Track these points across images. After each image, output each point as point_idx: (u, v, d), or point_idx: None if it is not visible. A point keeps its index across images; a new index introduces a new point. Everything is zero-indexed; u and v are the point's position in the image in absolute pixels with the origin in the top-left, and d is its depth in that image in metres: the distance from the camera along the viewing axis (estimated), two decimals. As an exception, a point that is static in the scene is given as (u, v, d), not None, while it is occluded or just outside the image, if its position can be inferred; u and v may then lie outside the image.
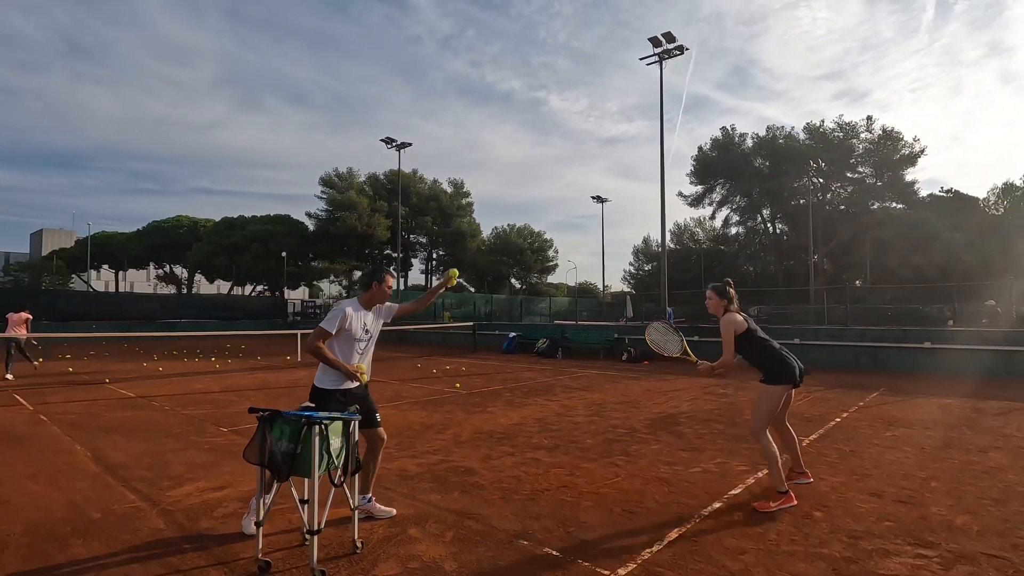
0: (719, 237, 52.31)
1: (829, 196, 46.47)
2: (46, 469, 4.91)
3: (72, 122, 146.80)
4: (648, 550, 3.25)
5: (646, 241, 56.42)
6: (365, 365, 3.80)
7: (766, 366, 4.08)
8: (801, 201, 44.54)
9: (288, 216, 48.18)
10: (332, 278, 53.16)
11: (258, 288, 52.45)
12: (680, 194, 50.16)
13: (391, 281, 3.83)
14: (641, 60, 16.59)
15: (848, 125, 43.34)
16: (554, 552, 3.23)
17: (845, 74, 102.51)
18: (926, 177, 49.78)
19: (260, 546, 3.03)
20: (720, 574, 2.96)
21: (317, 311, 41.98)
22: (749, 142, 47.01)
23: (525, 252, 53.75)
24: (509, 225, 55.70)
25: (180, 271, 55.59)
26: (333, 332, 3.55)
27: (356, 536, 3.23)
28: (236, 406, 8.23)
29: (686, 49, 16.23)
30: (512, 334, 19.23)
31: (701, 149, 48.59)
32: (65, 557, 3.16)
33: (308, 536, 2.94)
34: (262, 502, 3.04)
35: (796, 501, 3.94)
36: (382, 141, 26.69)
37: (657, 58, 16.36)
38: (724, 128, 48.07)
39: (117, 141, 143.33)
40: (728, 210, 50.02)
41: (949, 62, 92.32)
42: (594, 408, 8.12)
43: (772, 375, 4.04)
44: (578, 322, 23.11)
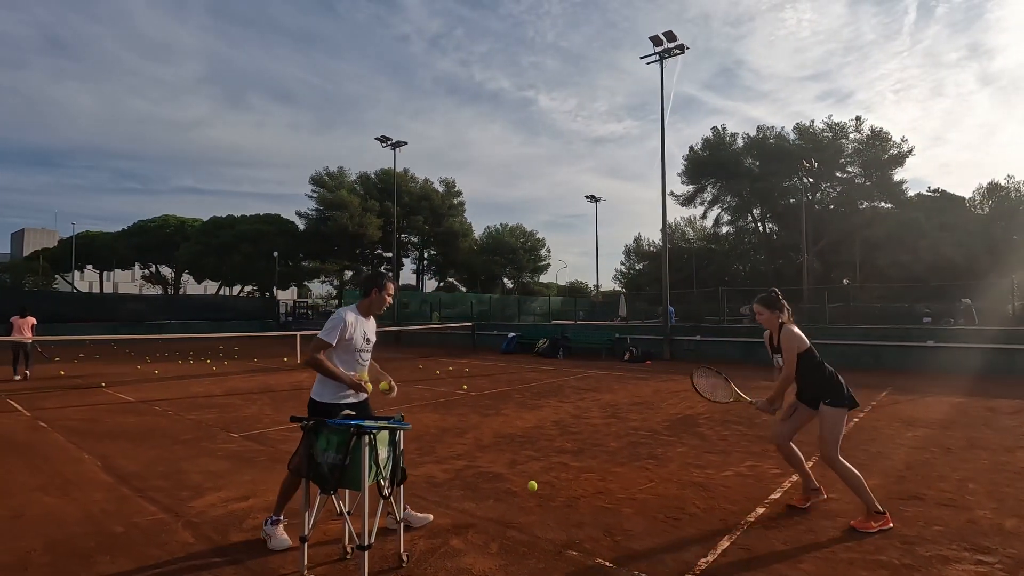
0: (710, 236, 52.64)
1: (819, 196, 46.94)
2: (55, 480, 4.70)
3: (53, 120, 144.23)
4: (704, 560, 3.15)
5: (638, 240, 56.60)
6: (367, 375, 3.55)
7: (830, 386, 3.80)
8: (791, 201, 44.98)
9: (278, 216, 47.61)
10: (323, 278, 52.62)
11: (247, 288, 51.80)
12: (672, 193, 50.30)
13: (392, 288, 3.58)
14: (641, 59, 16.56)
15: (837, 125, 43.86)
16: (606, 563, 3.11)
17: (830, 75, 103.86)
18: (909, 177, 50.61)
19: (305, 562, 2.88)
20: (784, 585, 2.87)
21: (307, 312, 41.53)
22: (740, 142, 47.37)
23: (518, 251, 53.63)
24: (502, 224, 55.55)
25: (167, 271, 54.72)
26: (334, 343, 3.31)
27: (401, 549, 3.09)
28: (243, 410, 8.02)
29: (687, 48, 16.21)
30: (512, 334, 19.10)
31: (692, 149, 48.87)
32: (92, 575, 2.98)
33: (353, 551, 2.80)
34: (307, 515, 2.89)
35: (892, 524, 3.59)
36: (376, 140, 26.40)
37: (658, 57, 16.33)
38: (715, 128, 48.41)
39: (99, 139, 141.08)
40: (719, 209, 50.37)
41: (931, 64, 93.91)
42: (609, 409, 8.03)
43: (838, 396, 3.76)
44: (576, 322, 23.03)
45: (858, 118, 43.43)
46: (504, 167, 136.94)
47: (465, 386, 10.50)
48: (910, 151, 42.18)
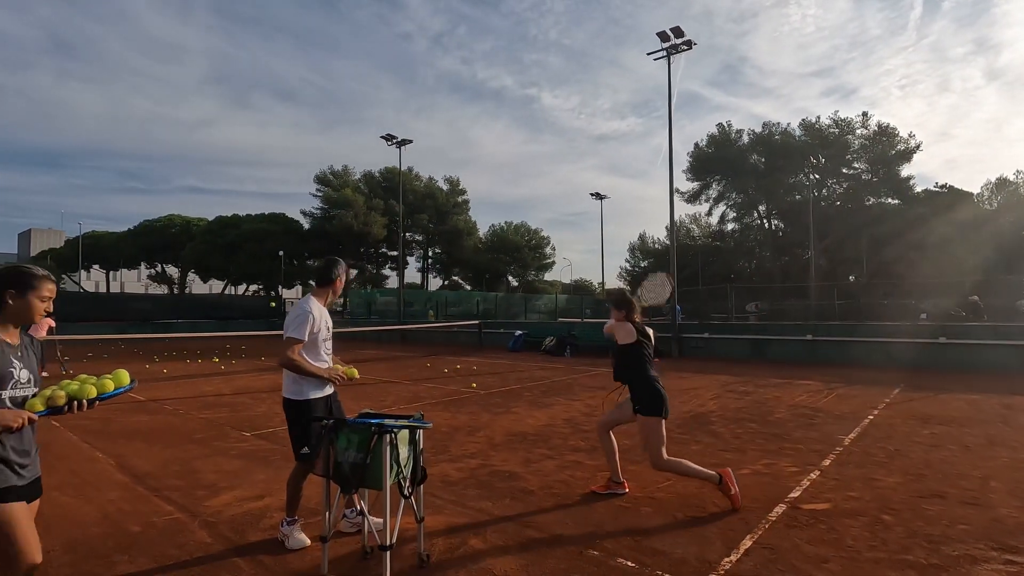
0: (715, 234, 52.46)
1: (825, 192, 46.69)
2: (72, 479, 4.70)
3: (58, 120, 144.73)
4: (727, 560, 3.11)
5: (642, 237, 56.50)
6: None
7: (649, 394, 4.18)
8: (797, 197, 44.74)
9: (283, 215, 47.71)
10: (328, 277, 52.62)
11: (252, 288, 51.96)
12: (677, 191, 50.07)
13: (344, 275, 3.60)
14: (649, 55, 16.47)
15: (843, 121, 43.54)
16: (629, 563, 3.08)
17: (834, 71, 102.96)
18: (916, 173, 50.29)
19: (326, 562, 2.86)
20: (811, 585, 2.83)
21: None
22: (745, 138, 47.12)
23: (523, 249, 53.59)
24: (507, 222, 55.51)
25: (173, 271, 54.93)
26: (305, 339, 3.25)
27: (422, 548, 3.07)
28: (254, 409, 8.01)
29: (694, 44, 16.11)
30: (519, 332, 19.07)
31: (697, 146, 48.64)
32: (112, 574, 2.97)
33: (372, 551, 2.78)
34: (328, 517, 2.86)
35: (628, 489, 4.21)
36: (383, 138, 26.34)
37: (665, 53, 16.24)
38: (720, 125, 48.17)
39: (104, 140, 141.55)
40: (725, 206, 50.16)
41: (936, 59, 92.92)
42: (619, 407, 7.98)
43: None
44: (583, 319, 22.98)
45: (865, 114, 43.15)
46: (507, 165, 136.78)
47: (474, 384, 10.48)
48: (917, 146, 41.90)
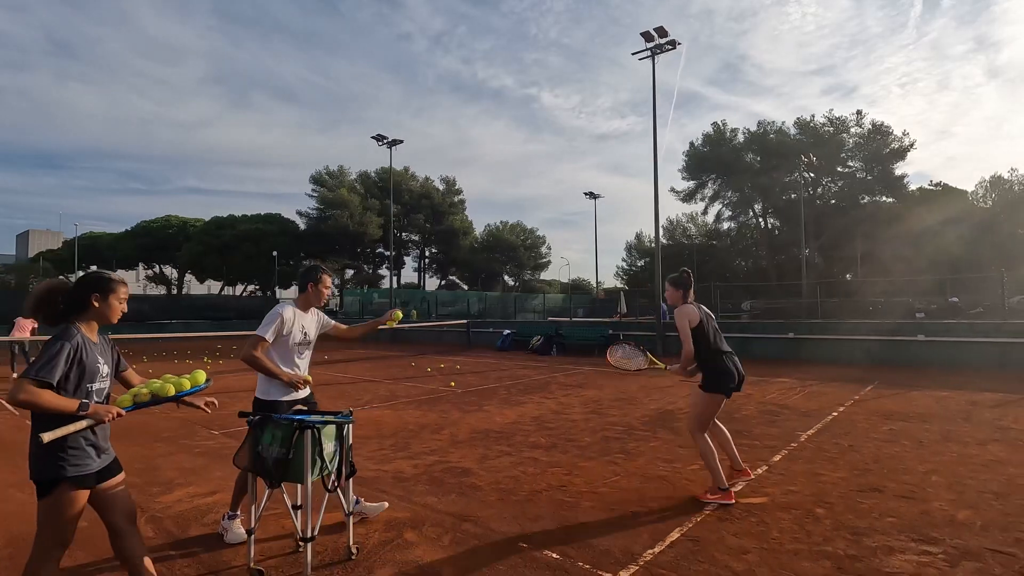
0: (711, 232, 52.51)
1: (820, 190, 46.74)
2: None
3: (58, 121, 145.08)
4: (650, 551, 3.19)
5: (639, 237, 56.59)
6: (305, 370, 3.56)
7: (706, 369, 4.10)
8: (792, 196, 44.81)
9: (279, 215, 47.79)
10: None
11: (250, 288, 52.05)
12: (672, 190, 50.22)
13: (328, 281, 3.63)
14: (633, 55, 16.54)
15: (838, 120, 43.61)
16: (554, 555, 3.16)
17: (835, 69, 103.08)
18: (914, 171, 50.72)
19: (252, 554, 2.94)
20: (723, 574, 2.90)
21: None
22: (740, 137, 47.20)
23: (518, 249, 53.66)
24: (502, 222, 55.60)
25: (170, 271, 55.04)
26: (270, 339, 3.31)
27: (351, 542, 3.14)
28: (227, 408, 8.04)
29: (678, 44, 16.18)
30: (507, 331, 19.14)
31: (693, 145, 48.70)
32: (49, 568, 3.05)
33: (302, 543, 2.85)
34: (253, 509, 2.94)
35: (734, 500, 3.93)
36: (373, 139, 26.44)
37: (649, 53, 16.31)
38: (715, 123, 48.26)
39: (104, 140, 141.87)
40: (720, 205, 50.20)
41: (936, 57, 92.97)
42: (591, 405, 8.07)
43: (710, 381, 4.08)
44: (572, 319, 23.06)
45: (859, 112, 43.24)
46: (507, 165, 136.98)
47: (453, 383, 10.56)
48: (911, 145, 41.91)
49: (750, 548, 3.22)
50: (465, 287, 53.44)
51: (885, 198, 44.31)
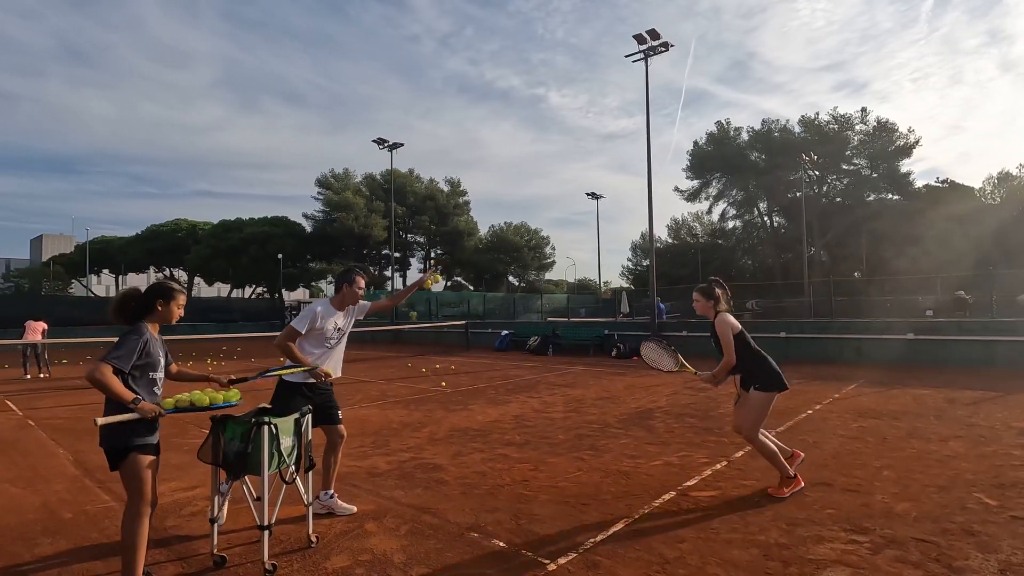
0: (716, 231, 52.43)
1: (825, 188, 46.57)
2: (26, 473, 5.06)
3: (70, 127, 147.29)
4: (592, 540, 3.38)
5: (644, 236, 56.53)
6: (334, 363, 3.95)
7: (758, 371, 4.11)
8: (798, 194, 44.67)
9: (285, 218, 48.37)
10: (330, 278, 53.29)
11: (258, 290, 52.70)
12: (676, 189, 50.27)
13: (361, 282, 3.98)
14: (627, 57, 16.69)
15: (843, 117, 43.46)
16: (501, 544, 3.36)
17: (845, 65, 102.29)
18: (927, 167, 50.29)
19: (216, 541, 3.17)
20: (655, 562, 3.09)
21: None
22: (745, 136, 47.15)
23: (522, 249, 53.85)
24: (506, 223, 55.81)
25: (180, 274, 55.82)
26: (303, 331, 3.76)
27: (311, 531, 3.37)
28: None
29: (671, 45, 16.31)
30: (505, 332, 19.35)
31: (696, 144, 48.73)
32: (32, 555, 3.31)
33: (262, 532, 3.08)
34: (216, 500, 3.18)
35: (803, 483, 4.15)
36: (374, 142, 26.79)
37: (642, 55, 16.45)
38: (719, 122, 48.26)
39: (116, 145, 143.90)
40: (725, 204, 50.17)
41: (949, 51, 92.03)
42: (573, 404, 8.26)
43: (766, 381, 4.08)
44: (570, 319, 23.23)
45: (863, 109, 43.06)
46: (514, 165, 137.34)
47: (444, 383, 10.78)
48: (917, 142, 41.73)
49: (687, 537, 3.41)
50: (471, 288, 53.70)
51: (891, 195, 44.09)
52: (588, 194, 44.74)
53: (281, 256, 41.37)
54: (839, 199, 45.62)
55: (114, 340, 2.89)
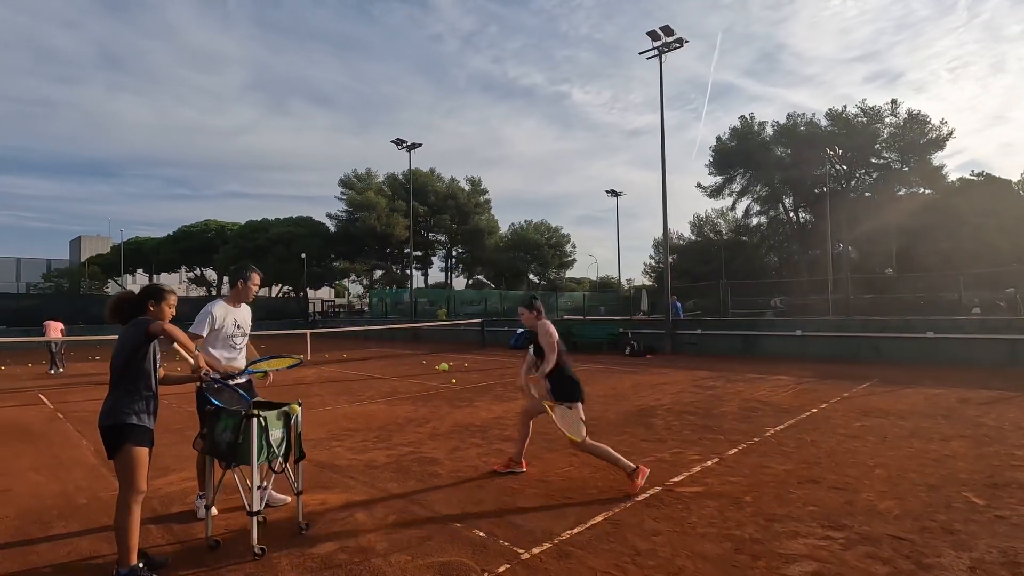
0: (741, 228, 51.58)
1: (853, 183, 45.39)
2: (50, 462, 5.38)
3: (109, 132, 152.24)
4: (569, 532, 3.48)
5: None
6: (241, 360, 4.01)
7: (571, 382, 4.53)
8: (825, 189, 43.68)
9: (310, 218, 49.26)
10: (353, 277, 54.17)
11: (284, 289, 53.85)
12: (699, 185, 49.60)
13: (257, 279, 4.15)
14: (641, 55, 16.61)
15: (872, 109, 42.23)
16: (481, 534, 3.49)
17: (879, 56, 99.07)
18: (965, 159, 48.57)
19: (210, 525, 3.37)
20: (626, 553, 3.18)
21: (338, 311, 43.00)
22: (769, 130, 46.24)
23: (542, 248, 53.84)
24: (526, 221, 55.86)
25: (210, 274, 57.39)
26: (204, 334, 3.78)
27: (300, 518, 3.55)
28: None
29: (686, 41, 16.16)
30: (520, 330, 19.38)
31: (719, 139, 47.99)
32: (45, 535, 3.56)
33: (251, 517, 3.26)
34: (210, 487, 3.38)
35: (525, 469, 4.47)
36: (393, 142, 27.17)
37: (656, 52, 16.35)
38: (742, 117, 47.36)
39: (151, 149, 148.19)
40: (749, 200, 49.30)
41: (990, 38, 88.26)
42: (578, 401, 8.32)
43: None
44: (585, 317, 23.21)
45: (894, 101, 41.77)
46: (538, 163, 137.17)
47: (454, 380, 10.96)
48: (950, 134, 40.34)
49: (663, 531, 3.48)
50: (493, 286, 53.94)
51: (923, 190, 42.75)
52: (608, 191, 44.50)
53: (305, 256, 42.17)
54: (868, 193, 44.40)
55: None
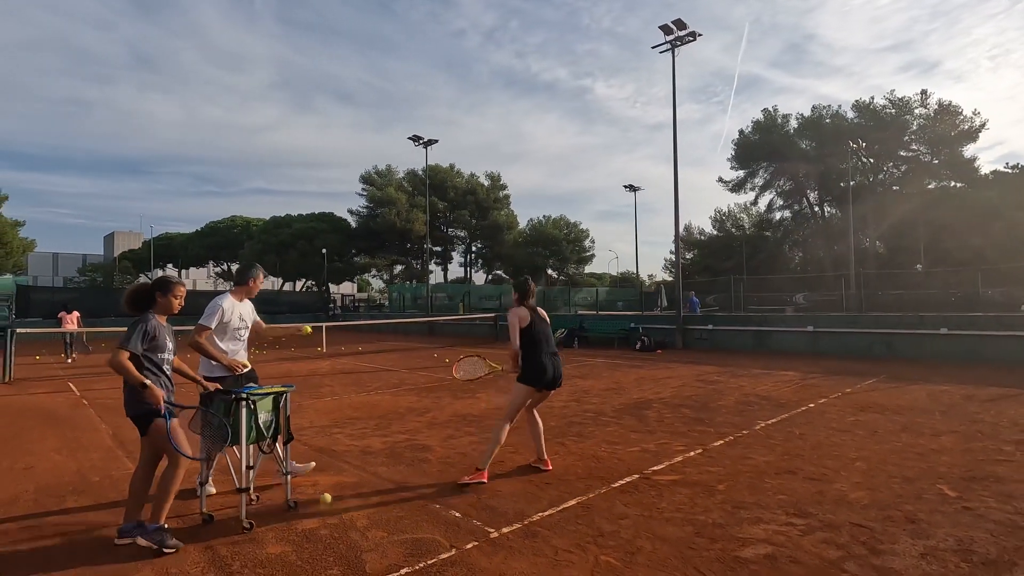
0: (763, 223, 50.76)
1: (881, 176, 44.30)
2: (71, 444, 5.76)
3: (140, 130, 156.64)
4: (540, 514, 3.65)
5: (687, 228, 55.36)
6: (243, 353, 4.28)
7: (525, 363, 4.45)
8: (852, 183, 42.68)
9: (331, 214, 50.15)
10: (374, 272, 54.92)
11: (308, 284, 54.96)
12: (720, 179, 48.97)
13: (260, 277, 4.41)
14: (653, 49, 16.53)
15: (901, 101, 41.09)
16: (457, 514, 3.68)
17: (913, 44, 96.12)
18: (1005, 151, 47.35)
19: (204, 501, 3.63)
20: (591, 534, 3.34)
21: (357, 305, 43.69)
22: (794, 123, 45.39)
23: (561, 243, 53.79)
24: (545, 216, 55.86)
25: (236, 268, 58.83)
26: (213, 327, 4.05)
27: (289, 496, 3.79)
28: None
29: (699, 35, 16.04)
30: (533, 324, 19.59)
31: (742, 132, 47.29)
32: (59, 508, 3.88)
33: (240, 494, 3.51)
34: (204, 467, 3.64)
35: (487, 480, 4.24)
36: (409, 139, 27.51)
37: (669, 46, 16.25)
38: (765, 109, 46.59)
39: (181, 147, 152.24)
40: (772, 194, 48.51)
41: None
42: (577, 394, 8.46)
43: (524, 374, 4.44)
44: (598, 312, 23.23)
45: (924, 92, 40.54)
46: (560, 158, 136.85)
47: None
48: (983, 125, 39.00)
49: (630, 515, 3.62)
50: (512, 281, 54.13)
51: (954, 183, 41.50)
52: (626, 186, 44.26)
53: (325, 251, 42.97)
54: (896, 187, 43.28)
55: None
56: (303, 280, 54.24)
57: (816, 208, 47.97)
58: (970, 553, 3.01)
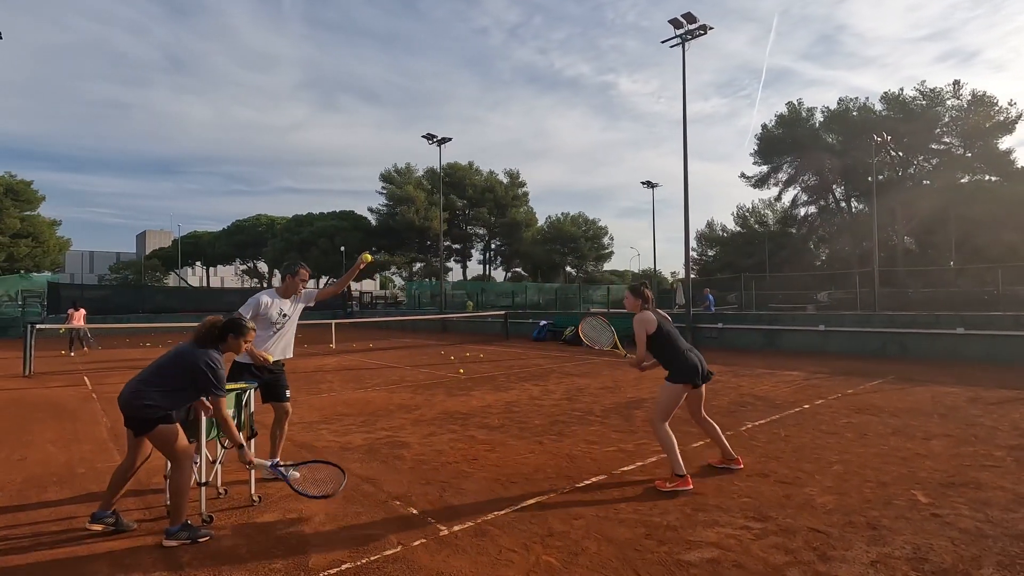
0: (787, 219, 49.66)
1: (911, 170, 42.93)
2: (67, 436, 5.98)
3: (173, 131, 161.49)
4: (494, 513, 3.66)
5: (710, 225, 54.51)
6: (283, 346, 4.45)
7: (671, 365, 4.38)
8: (880, 178, 41.42)
9: (352, 212, 50.86)
10: (394, 269, 55.47)
11: (329, 281, 55.86)
12: (742, 175, 48.08)
13: (304, 274, 4.51)
14: (663, 43, 16.30)
15: (932, 92, 39.74)
16: (414, 511, 3.71)
17: (951, 33, 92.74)
18: None
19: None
20: (540, 534, 3.33)
21: (376, 302, 44.19)
22: (819, 116, 44.29)
23: (579, 240, 53.53)
24: (563, 214, 55.63)
25: (261, 266, 60.10)
26: (248, 316, 4.15)
27: (253, 491, 3.88)
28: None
29: (710, 28, 15.76)
30: (543, 322, 19.59)
31: (765, 127, 46.33)
32: (38, 498, 4.03)
33: (199, 487, 3.60)
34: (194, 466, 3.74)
35: (692, 485, 4.03)
36: (423, 137, 27.66)
37: (679, 40, 16.01)
38: (790, 103, 45.59)
39: (212, 147, 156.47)
40: (796, 190, 47.42)
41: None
42: (572, 393, 8.43)
43: (675, 374, 4.35)
44: (609, 310, 23.06)
45: (956, 82, 39.10)
46: (584, 154, 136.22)
47: (462, 370, 11.24)
48: (1019, 116, 37.42)
49: (586, 515, 3.61)
50: (530, 279, 54.09)
51: (988, 177, 39.97)
52: (643, 182, 43.76)
53: (344, 248, 43.56)
54: (927, 181, 41.88)
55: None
56: (325, 277, 55.16)
57: (843, 204, 46.75)
58: (923, 562, 2.92)
